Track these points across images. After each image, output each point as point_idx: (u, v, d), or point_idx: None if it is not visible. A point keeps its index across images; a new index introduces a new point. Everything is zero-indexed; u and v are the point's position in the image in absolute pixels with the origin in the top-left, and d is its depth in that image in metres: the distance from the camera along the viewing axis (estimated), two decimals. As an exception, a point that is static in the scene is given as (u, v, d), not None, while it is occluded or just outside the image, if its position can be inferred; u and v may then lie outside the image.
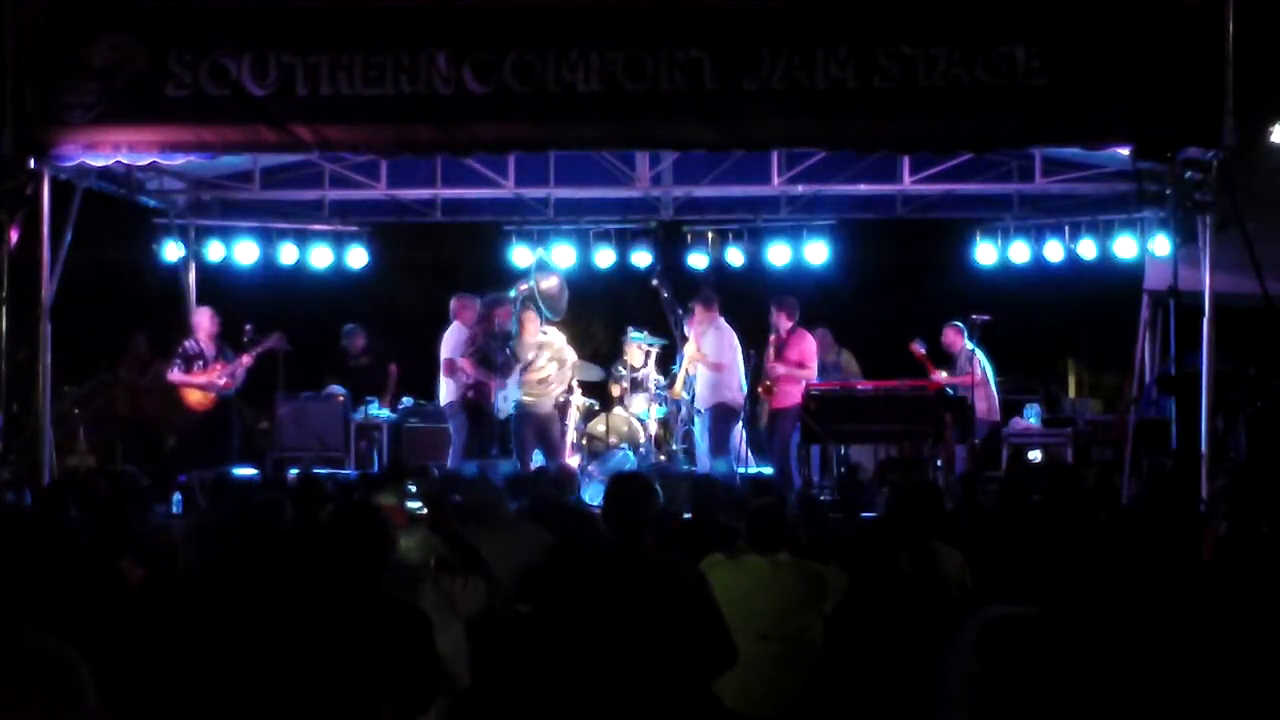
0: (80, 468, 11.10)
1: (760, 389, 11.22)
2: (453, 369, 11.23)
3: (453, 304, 11.64)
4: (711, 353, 11.13)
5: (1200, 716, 4.07)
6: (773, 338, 11.19)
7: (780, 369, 11.02)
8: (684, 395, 11.60)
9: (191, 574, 5.49)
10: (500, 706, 5.31)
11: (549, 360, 11.19)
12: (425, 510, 5.79)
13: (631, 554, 4.24)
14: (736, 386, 11.10)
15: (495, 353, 11.02)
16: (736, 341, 11.22)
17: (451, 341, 11.38)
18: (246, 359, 11.33)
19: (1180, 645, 4.24)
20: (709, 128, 9.11)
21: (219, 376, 11.20)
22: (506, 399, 11.05)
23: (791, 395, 10.93)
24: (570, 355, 11.46)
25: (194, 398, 11.24)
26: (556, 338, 11.37)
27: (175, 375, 11.27)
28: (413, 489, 6.20)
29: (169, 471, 10.50)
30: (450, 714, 4.79)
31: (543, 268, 11.78)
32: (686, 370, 11.56)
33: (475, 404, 11.10)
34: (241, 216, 13.03)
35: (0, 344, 9.36)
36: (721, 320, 11.31)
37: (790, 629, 5.15)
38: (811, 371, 11.12)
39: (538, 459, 10.87)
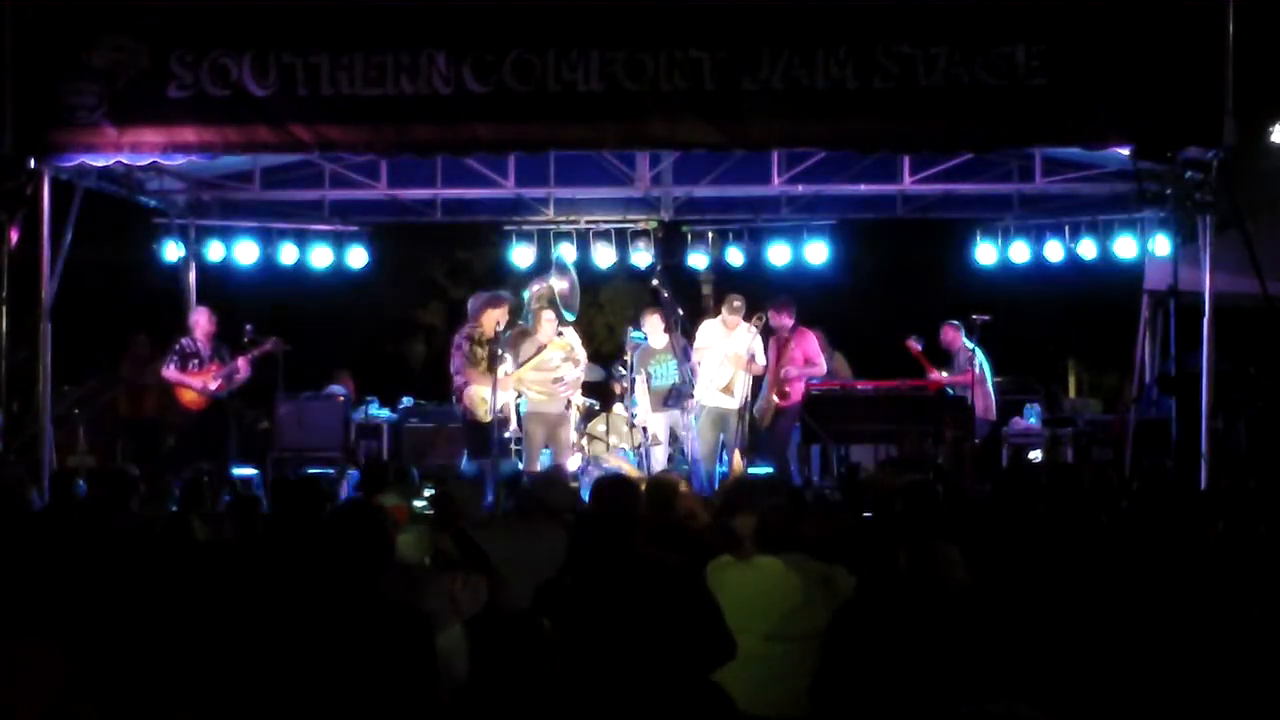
0: (81, 467, 11.07)
1: (775, 394, 11.14)
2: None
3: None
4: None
5: (1198, 715, 4.08)
6: (776, 340, 11.17)
7: (792, 370, 11.00)
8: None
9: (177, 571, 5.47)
10: (500, 704, 5.29)
11: (564, 361, 10.96)
12: (431, 509, 5.79)
13: (622, 553, 4.24)
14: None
15: (485, 353, 10.75)
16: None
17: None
18: (242, 363, 11.23)
19: (1179, 643, 4.25)
20: (709, 128, 9.10)
21: (213, 379, 11.15)
22: (487, 400, 10.35)
23: (792, 395, 10.94)
24: (584, 357, 11.19)
25: (187, 396, 11.15)
26: (572, 339, 11.06)
27: (169, 373, 11.18)
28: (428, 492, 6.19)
29: (168, 470, 10.47)
30: (450, 710, 4.78)
31: (560, 268, 11.51)
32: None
33: (464, 405, 10.96)
34: (241, 216, 13.01)
35: (0, 344, 9.36)
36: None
37: (800, 629, 5.13)
38: (821, 367, 11.10)
39: (545, 459, 10.73)
